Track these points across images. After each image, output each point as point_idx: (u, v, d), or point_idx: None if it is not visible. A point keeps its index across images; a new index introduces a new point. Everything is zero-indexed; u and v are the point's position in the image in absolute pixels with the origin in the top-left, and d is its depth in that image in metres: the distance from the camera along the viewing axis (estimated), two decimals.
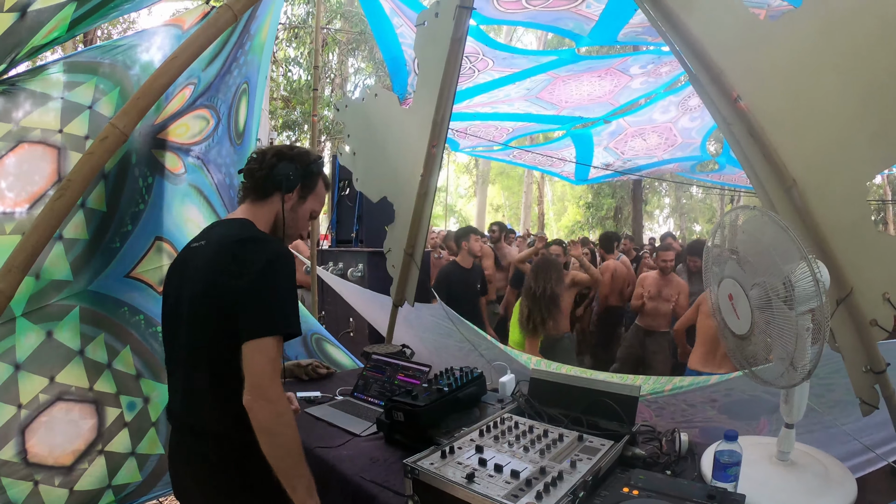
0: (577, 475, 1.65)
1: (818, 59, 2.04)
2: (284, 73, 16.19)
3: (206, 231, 2.02)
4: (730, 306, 1.86)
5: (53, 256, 2.06)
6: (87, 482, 2.18)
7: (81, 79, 2.13)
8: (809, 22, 2.03)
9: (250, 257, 1.71)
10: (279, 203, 1.96)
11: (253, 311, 1.67)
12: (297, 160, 1.97)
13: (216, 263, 1.75)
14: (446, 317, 3.85)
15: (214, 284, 1.72)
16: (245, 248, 1.75)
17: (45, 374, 2.08)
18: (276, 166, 1.93)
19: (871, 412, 2.16)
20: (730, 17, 2.18)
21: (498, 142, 7.94)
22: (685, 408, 2.94)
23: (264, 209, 1.96)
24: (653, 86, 6.44)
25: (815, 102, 2.07)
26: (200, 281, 1.77)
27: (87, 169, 1.61)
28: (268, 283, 1.70)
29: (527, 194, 25.75)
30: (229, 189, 2.93)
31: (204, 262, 1.80)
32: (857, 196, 2.07)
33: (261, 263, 1.70)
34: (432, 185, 3.53)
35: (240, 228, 1.86)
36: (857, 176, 2.06)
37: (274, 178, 1.93)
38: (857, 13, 1.94)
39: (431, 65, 3.24)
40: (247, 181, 1.96)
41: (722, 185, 12.31)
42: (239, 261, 1.71)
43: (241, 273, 1.68)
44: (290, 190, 1.96)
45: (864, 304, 2.09)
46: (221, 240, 1.82)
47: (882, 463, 2.30)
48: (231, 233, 1.84)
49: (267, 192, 1.95)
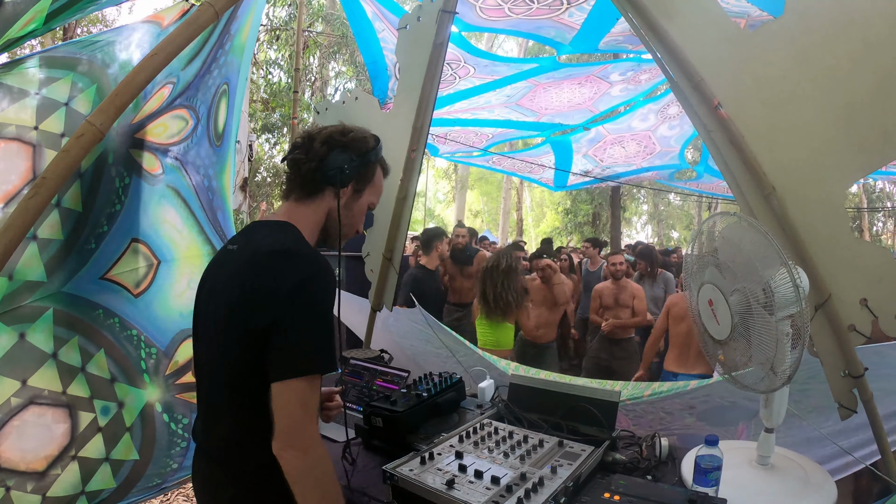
0: (558, 481, 1.65)
1: (796, 69, 2.06)
2: (265, 76, 16.11)
3: (243, 232, 1.77)
4: (710, 312, 1.86)
5: (27, 257, 2.01)
6: (60, 488, 2.13)
7: (58, 74, 2.09)
8: (789, 32, 2.05)
9: (283, 276, 1.47)
10: (331, 200, 1.70)
11: (282, 348, 1.44)
12: (351, 148, 1.69)
13: (245, 277, 1.52)
14: (425, 322, 3.84)
15: (242, 302, 1.50)
16: (277, 263, 1.50)
17: (17, 377, 2.04)
18: (328, 156, 1.66)
19: (850, 416, 2.18)
20: (711, 26, 2.19)
21: (478, 147, 7.96)
22: (663, 415, 2.95)
23: (312, 208, 1.70)
24: (632, 93, 6.51)
25: (794, 111, 2.09)
26: (227, 293, 1.55)
27: (62, 167, 1.56)
28: (299, 311, 1.46)
29: (505, 200, 25.81)
30: (207, 191, 2.89)
31: (234, 273, 1.57)
32: (836, 203, 2.10)
33: (295, 284, 1.46)
34: (412, 189, 3.52)
35: (278, 235, 1.61)
36: (836, 184, 2.08)
37: (325, 171, 1.65)
38: (834, 25, 1.96)
39: (412, 69, 3.23)
40: (291, 174, 1.71)
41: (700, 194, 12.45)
42: (269, 278, 1.48)
43: (268, 295, 1.46)
44: (344, 185, 1.69)
45: (842, 309, 2.11)
46: (254, 249, 1.58)
47: (859, 466, 2.32)
48: (267, 241, 1.58)
49: (316, 188, 1.68)
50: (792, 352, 1.72)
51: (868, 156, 2.01)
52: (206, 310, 1.67)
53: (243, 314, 1.49)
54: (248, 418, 1.52)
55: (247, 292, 1.49)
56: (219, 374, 1.59)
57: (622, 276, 5.90)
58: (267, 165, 17.05)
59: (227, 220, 3.03)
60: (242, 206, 9.06)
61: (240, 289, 1.51)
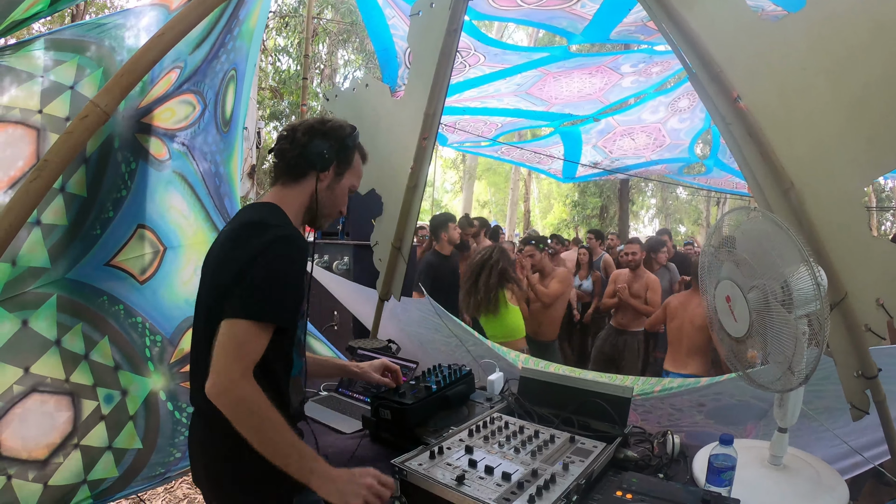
0: (570, 478, 1.62)
1: (816, 62, 2.02)
2: (273, 63, 16.05)
3: (237, 213, 1.94)
4: (727, 308, 1.82)
5: (31, 242, 1.99)
6: (61, 477, 2.11)
7: (64, 57, 2.05)
8: (810, 25, 2.01)
9: (250, 242, 1.63)
10: (314, 183, 1.85)
11: (235, 293, 1.57)
12: (330, 135, 1.85)
13: (222, 247, 1.71)
14: (433, 311, 3.81)
15: (219, 269, 1.67)
16: (247, 232, 1.68)
17: (19, 365, 2.01)
18: (309, 144, 1.82)
19: (862, 417, 2.14)
20: (730, 16, 2.15)
21: (486, 137, 7.91)
22: (672, 412, 2.92)
23: (296, 191, 1.85)
24: (643, 85, 6.45)
25: (812, 105, 2.06)
26: (210, 265, 1.74)
27: (65, 149, 1.52)
28: (258, 266, 1.59)
29: (513, 191, 25.74)
30: (214, 177, 2.86)
31: (215, 248, 1.76)
32: (853, 200, 2.06)
33: (258, 247, 1.61)
34: (422, 177, 3.48)
35: (257, 212, 1.79)
36: (853, 180, 2.04)
37: (307, 156, 1.81)
38: (853, 18, 1.92)
39: (425, 56, 3.19)
40: (278, 162, 1.87)
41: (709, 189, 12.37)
42: (238, 244, 1.65)
43: (237, 258, 1.62)
44: (325, 168, 1.85)
45: (858, 308, 2.07)
46: (234, 226, 1.78)
47: (867, 466, 2.29)
48: (247, 218, 1.76)
49: (301, 173, 1.84)
50: (810, 351, 1.68)
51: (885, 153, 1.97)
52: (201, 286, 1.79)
53: (217, 277, 1.66)
54: None
55: (221, 259, 1.69)
56: (201, 333, 1.69)
57: (638, 266, 5.85)
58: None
59: (234, 207, 3.00)
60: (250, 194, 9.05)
61: (217, 258, 1.71)
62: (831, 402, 2.33)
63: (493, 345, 3.72)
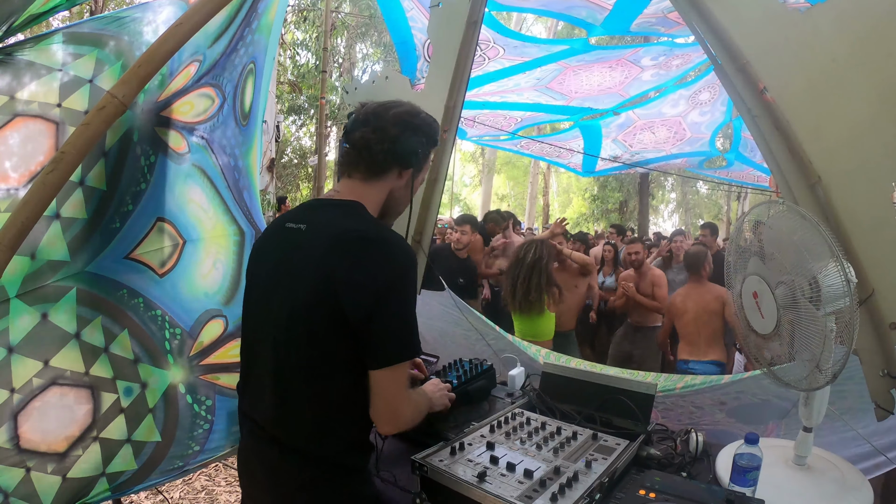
0: (593, 476, 1.60)
1: (846, 54, 1.97)
2: (292, 57, 16.08)
3: (303, 211, 1.75)
4: (754, 304, 1.79)
5: (50, 236, 1.98)
6: (80, 469, 2.11)
7: (82, 51, 2.04)
8: (841, 15, 1.96)
9: (377, 267, 1.50)
10: (395, 180, 1.71)
11: (382, 338, 1.49)
12: (422, 131, 1.71)
13: (332, 264, 1.50)
14: (454, 305, 3.80)
15: (333, 290, 1.48)
16: (374, 254, 1.51)
17: (39, 358, 2.01)
18: (401, 138, 1.65)
19: (887, 417, 2.10)
20: (757, 6, 2.11)
21: (506, 131, 7.88)
22: (693, 409, 2.88)
23: (377, 188, 1.70)
24: (663, 79, 6.41)
25: (842, 98, 2.01)
26: (310, 278, 1.53)
27: (81, 141, 1.50)
28: (397, 302, 1.51)
29: (532, 185, 25.68)
30: (234, 171, 2.85)
31: (313, 257, 1.55)
32: (882, 196, 2.00)
33: (395, 277, 1.51)
34: (442, 171, 3.47)
35: (353, 217, 1.61)
36: (884, 174, 1.98)
37: (398, 152, 1.67)
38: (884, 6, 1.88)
39: (445, 48, 3.17)
40: (359, 152, 1.68)
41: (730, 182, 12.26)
42: (364, 268, 1.49)
43: (366, 286, 1.47)
44: (413, 166, 1.72)
45: (885, 306, 2.02)
46: (335, 232, 1.56)
47: (890, 466, 2.24)
48: (345, 224, 1.57)
49: (385, 168, 1.68)
50: (837, 349, 1.64)
51: None
52: (273, 290, 1.65)
53: (335, 303, 1.48)
54: (329, 405, 1.57)
55: (339, 281, 1.49)
56: (294, 359, 1.57)
57: (641, 265, 5.84)
58: (294, 147, 17.09)
59: (253, 200, 2.99)
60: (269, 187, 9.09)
61: (328, 275, 1.50)
62: (854, 402, 2.29)
63: (514, 339, 3.71)
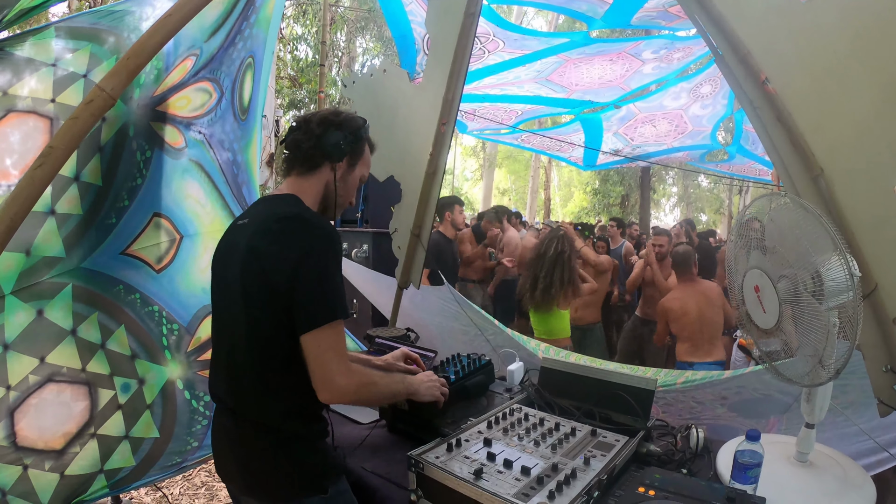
0: (592, 473, 1.58)
1: (849, 45, 1.93)
2: (291, 51, 16.03)
3: (250, 208, 1.99)
4: (755, 298, 1.77)
5: (45, 232, 1.97)
6: (78, 466, 2.10)
7: (75, 45, 2.02)
8: (844, 7, 1.92)
9: (298, 239, 1.64)
10: (328, 173, 1.88)
11: (304, 303, 1.61)
12: (344, 126, 1.87)
13: (259, 245, 1.67)
14: (453, 299, 3.79)
15: (261, 266, 1.65)
16: (290, 227, 1.67)
17: (35, 355, 2.01)
18: (324, 135, 1.83)
19: (890, 413, 2.07)
20: None
21: (506, 125, 7.85)
22: (693, 405, 2.87)
23: (312, 181, 1.87)
24: (665, 72, 6.37)
25: (844, 90, 1.97)
26: (245, 262, 1.69)
27: (69, 135, 1.47)
28: (317, 268, 1.63)
29: (533, 179, 25.64)
30: (232, 165, 2.83)
31: (246, 242, 1.71)
32: (886, 190, 1.97)
33: (310, 246, 1.63)
34: (441, 164, 3.44)
35: (285, 205, 1.78)
36: (887, 167, 1.95)
37: (323, 148, 1.83)
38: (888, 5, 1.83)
39: (443, 40, 3.14)
40: (292, 153, 1.87)
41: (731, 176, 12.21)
42: (283, 241, 1.64)
43: (286, 257, 1.62)
44: (340, 159, 1.87)
45: (888, 301, 1.99)
46: (265, 218, 1.74)
47: (892, 463, 2.22)
48: (275, 210, 1.75)
49: (315, 164, 1.86)
50: (840, 344, 1.62)
51: None
52: (225, 278, 1.81)
53: (263, 277, 1.64)
54: (274, 372, 1.69)
55: (264, 256, 1.65)
56: (242, 334, 1.71)
57: (665, 257, 5.75)
58: None
59: (252, 195, 2.98)
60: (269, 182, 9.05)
61: (256, 254, 1.67)
62: (856, 397, 2.27)
63: (514, 334, 3.68)
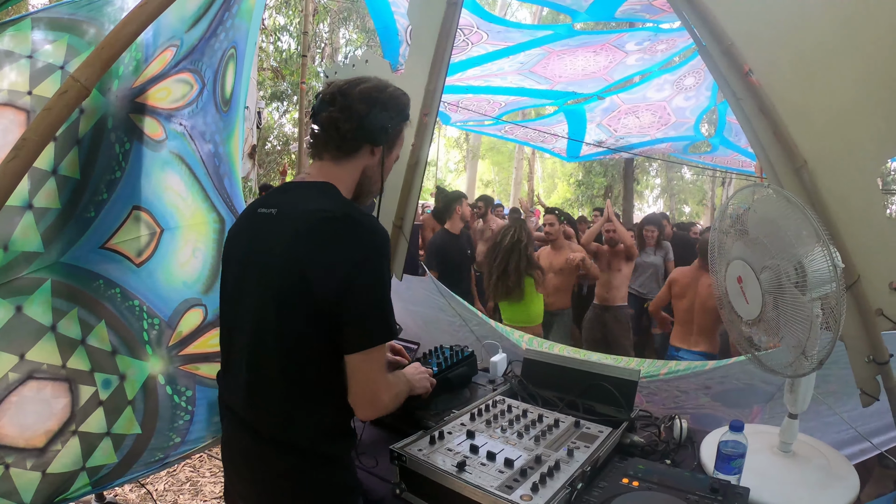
0: (575, 465, 1.59)
1: (835, 37, 1.94)
2: (274, 42, 15.91)
3: (275, 195, 1.72)
4: (738, 289, 1.77)
5: (23, 227, 1.93)
6: (60, 464, 2.08)
7: (52, 36, 1.98)
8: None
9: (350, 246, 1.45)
10: (368, 158, 1.65)
11: (358, 321, 1.45)
12: (390, 106, 1.63)
13: (301, 249, 1.46)
14: (437, 290, 3.78)
15: (304, 277, 1.44)
16: (340, 231, 1.47)
17: (14, 352, 1.97)
18: (369, 115, 1.58)
19: (872, 403, 2.09)
20: None
21: (490, 116, 7.85)
22: (678, 394, 2.89)
23: (349, 168, 1.64)
24: (648, 63, 6.40)
25: (829, 81, 1.97)
26: (284, 267, 1.48)
27: (43, 126, 1.43)
28: (371, 283, 1.45)
29: (517, 170, 25.65)
30: (214, 157, 2.80)
31: (282, 240, 1.51)
32: (869, 181, 1.99)
33: (364, 256, 1.45)
34: (423, 155, 3.43)
35: (325, 198, 1.56)
36: (870, 160, 1.96)
37: (367, 130, 1.59)
38: None
39: (425, 30, 3.12)
40: (328, 133, 1.61)
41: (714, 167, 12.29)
42: (334, 249, 1.45)
43: (336, 268, 1.43)
44: (384, 143, 1.65)
45: (871, 292, 2.01)
46: (305, 215, 1.50)
47: (874, 452, 2.25)
48: (317, 206, 1.52)
49: (355, 147, 1.62)
50: (823, 335, 1.63)
51: None
52: (247, 279, 1.60)
53: (306, 286, 1.44)
54: (307, 388, 1.52)
55: (308, 264, 1.45)
56: (272, 346, 1.52)
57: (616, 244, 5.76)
58: (277, 134, 16.96)
59: (234, 187, 2.94)
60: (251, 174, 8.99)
61: (297, 259, 1.46)
62: (838, 387, 2.29)
63: (498, 325, 3.69)
